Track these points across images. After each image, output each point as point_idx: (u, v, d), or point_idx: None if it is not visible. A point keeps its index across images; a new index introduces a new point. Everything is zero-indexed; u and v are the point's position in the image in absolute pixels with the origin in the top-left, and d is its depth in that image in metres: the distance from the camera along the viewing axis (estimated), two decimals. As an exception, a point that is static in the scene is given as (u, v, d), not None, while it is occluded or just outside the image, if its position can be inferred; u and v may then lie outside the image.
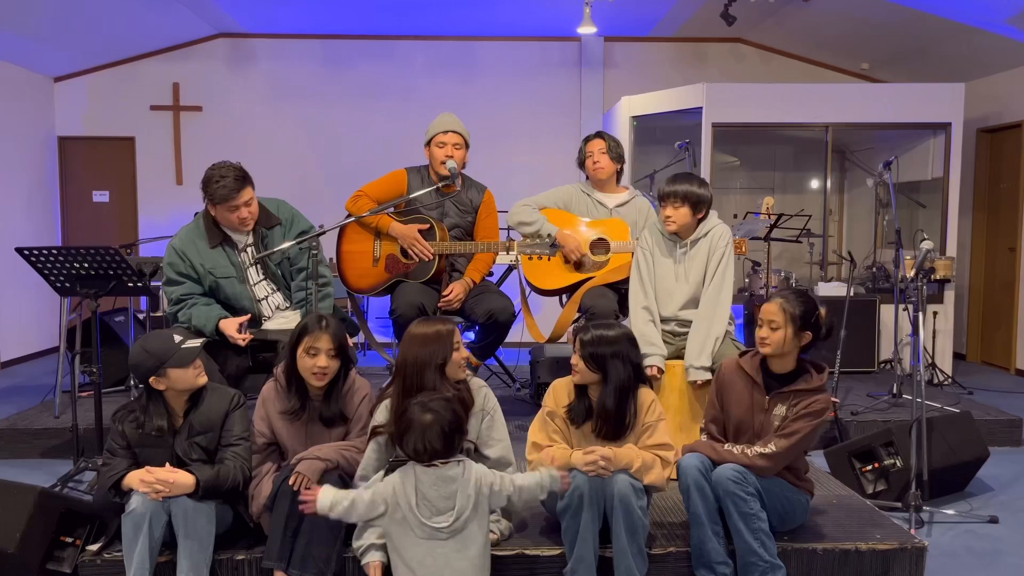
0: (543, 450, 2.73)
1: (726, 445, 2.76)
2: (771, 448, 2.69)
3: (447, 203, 4.11)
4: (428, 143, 4.10)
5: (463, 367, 2.74)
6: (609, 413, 2.71)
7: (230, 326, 3.40)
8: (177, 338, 2.69)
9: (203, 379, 2.73)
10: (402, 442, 2.45)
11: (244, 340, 3.39)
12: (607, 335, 2.71)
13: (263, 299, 3.59)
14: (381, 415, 2.70)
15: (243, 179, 3.41)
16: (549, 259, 4.06)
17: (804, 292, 2.88)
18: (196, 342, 2.73)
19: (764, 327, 2.77)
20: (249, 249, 3.56)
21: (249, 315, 3.50)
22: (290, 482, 2.59)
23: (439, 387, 2.66)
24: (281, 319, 3.60)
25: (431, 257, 3.94)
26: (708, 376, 3.32)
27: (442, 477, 2.41)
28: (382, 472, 2.64)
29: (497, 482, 2.47)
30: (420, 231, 3.98)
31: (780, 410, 2.77)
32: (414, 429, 2.40)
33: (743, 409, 2.82)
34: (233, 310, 3.54)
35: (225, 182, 3.36)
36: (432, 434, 2.39)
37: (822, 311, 2.81)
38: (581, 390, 2.79)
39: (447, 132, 4.04)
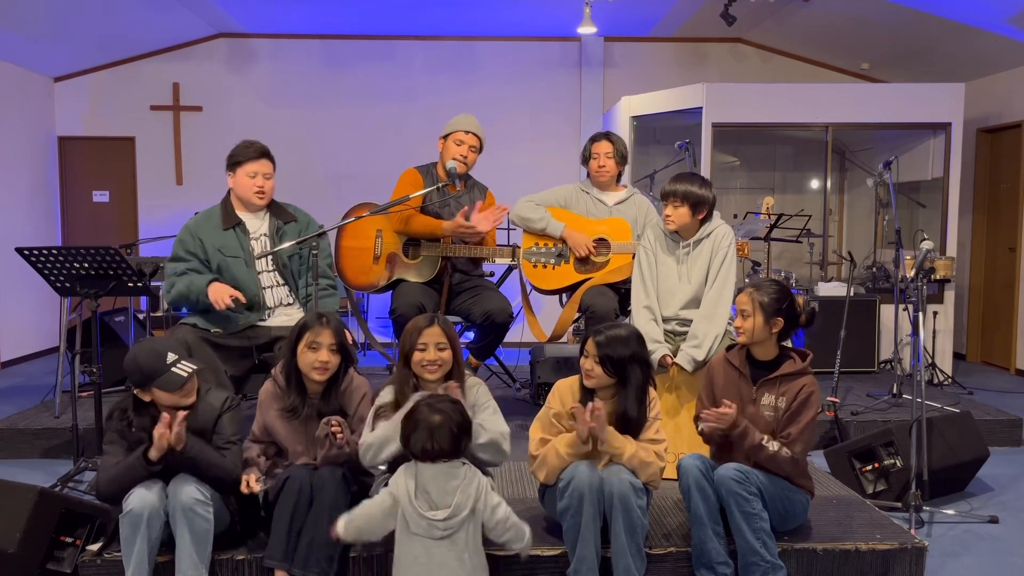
0: (548, 444, 2.73)
1: (765, 439, 2.72)
2: (794, 452, 2.73)
3: (452, 203, 4.12)
4: (445, 137, 4.12)
5: (428, 369, 2.69)
6: (630, 418, 2.69)
7: (221, 289, 3.44)
8: (170, 357, 2.63)
9: (189, 400, 2.66)
10: (409, 442, 2.44)
11: (224, 306, 3.41)
12: (621, 335, 2.68)
13: (267, 288, 3.61)
14: (387, 395, 2.73)
15: (267, 152, 3.64)
16: (554, 268, 4.07)
17: (776, 281, 2.95)
18: (187, 368, 2.64)
19: (738, 317, 2.87)
20: (263, 238, 3.62)
21: (244, 297, 3.50)
22: (332, 424, 2.64)
23: (406, 379, 2.71)
24: (284, 316, 3.62)
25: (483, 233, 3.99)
26: (694, 366, 3.37)
27: (444, 472, 2.42)
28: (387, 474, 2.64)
29: (499, 505, 2.48)
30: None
31: (768, 399, 2.81)
32: (422, 429, 2.40)
33: (732, 401, 2.83)
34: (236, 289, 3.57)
35: (253, 146, 3.63)
36: (441, 434, 2.40)
37: (799, 299, 2.90)
38: (586, 391, 2.77)
39: (468, 132, 4.09)
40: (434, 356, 2.69)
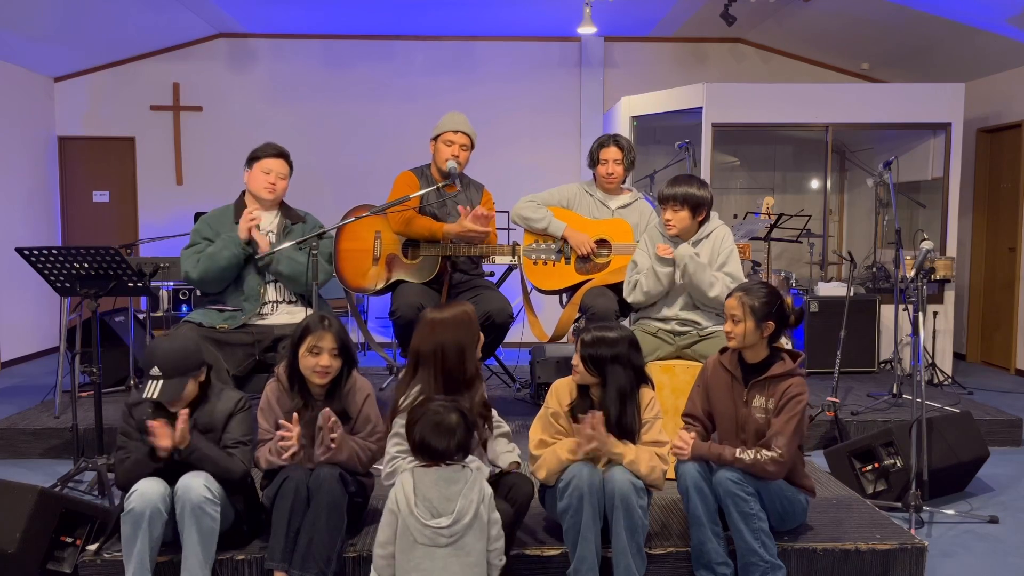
0: (550, 446, 2.73)
1: (738, 451, 2.71)
2: (776, 452, 2.68)
3: (449, 203, 4.12)
4: (435, 138, 4.13)
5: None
6: (611, 416, 2.70)
7: (243, 218, 3.59)
8: (154, 371, 2.62)
9: (172, 408, 2.63)
10: (421, 443, 2.43)
11: (249, 223, 3.57)
12: (607, 337, 2.70)
13: (271, 282, 3.68)
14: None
15: (285, 154, 3.74)
16: (554, 264, 4.07)
17: (765, 284, 2.93)
18: (151, 391, 2.59)
19: (728, 321, 2.84)
20: (270, 235, 3.69)
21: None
22: (324, 421, 2.64)
23: (476, 370, 2.73)
24: (286, 315, 3.65)
25: (486, 234, 3.99)
26: (671, 266, 3.50)
27: (444, 477, 2.41)
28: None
29: (495, 513, 2.48)
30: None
31: (759, 401, 2.81)
32: (439, 430, 2.40)
33: (725, 404, 2.85)
34: (238, 280, 3.65)
35: (273, 146, 3.75)
36: (458, 436, 2.41)
37: (788, 300, 2.88)
38: (583, 389, 2.78)
39: (457, 132, 4.08)
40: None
